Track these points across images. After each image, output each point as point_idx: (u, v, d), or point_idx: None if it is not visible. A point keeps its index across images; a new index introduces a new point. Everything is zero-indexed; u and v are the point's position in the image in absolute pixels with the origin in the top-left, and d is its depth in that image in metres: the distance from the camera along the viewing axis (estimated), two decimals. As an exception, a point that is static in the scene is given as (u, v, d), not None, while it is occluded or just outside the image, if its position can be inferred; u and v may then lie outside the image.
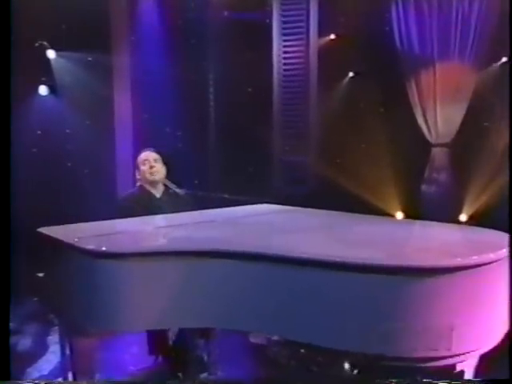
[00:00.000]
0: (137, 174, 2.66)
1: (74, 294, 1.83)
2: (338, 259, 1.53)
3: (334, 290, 1.52)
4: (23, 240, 2.20)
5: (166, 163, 2.66)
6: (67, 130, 4.12)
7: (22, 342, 2.88)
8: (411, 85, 4.15)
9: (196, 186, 4.48)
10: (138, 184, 2.65)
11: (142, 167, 2.61)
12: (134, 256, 1.68)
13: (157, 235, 2.04)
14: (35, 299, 2.66)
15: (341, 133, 4.15)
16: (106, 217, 4.45)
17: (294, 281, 1.58)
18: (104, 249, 1.72)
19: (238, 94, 4.46)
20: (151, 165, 2.58)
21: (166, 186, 2.63)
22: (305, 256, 1.57)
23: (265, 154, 4.46)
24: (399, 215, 4.20)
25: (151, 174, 2.57)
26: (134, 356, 2.72)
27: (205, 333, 2.40)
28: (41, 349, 2.82)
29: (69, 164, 4.11)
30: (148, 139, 4.13)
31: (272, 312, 1.61)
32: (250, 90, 4.55)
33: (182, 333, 2.38)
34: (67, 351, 2.12)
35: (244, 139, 4.25)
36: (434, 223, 2.13)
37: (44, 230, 2.01)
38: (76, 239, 1.81)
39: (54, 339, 2.84)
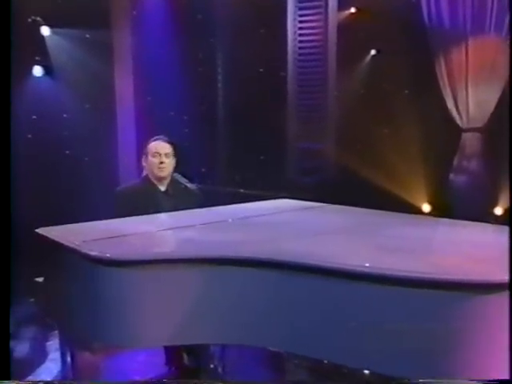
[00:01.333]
0: (143, 160, 2.55)
1: (77, 303, 1.73)
2: (391, 272, 1.38)
3: (385, 308, 1.39)
4: (21, 237, 2.10)
5: (176, 155, 2.56)
6: (64, 115, 4.06)
7: (19, 349, 2.77)
8: (440, 63, 3.99)
9: (203, 174, 4.44)
10: (144, 174, 2.54)
11: (152, 159, 2.51)
12: (143, 264, 1.58)
13: (167, 238, 1.92)
14: (32, 300, 2.54)
15: (361, 117, 4.04)
16: (107, 209, 4.36)
17: (329, 295, 1.46)
18: (110, 255, 1.60)
19: (248, 74, 4.36)
20: (161, 160, 2.48)
21: (175, 179, 2.53)
22: (350, 268, 1.43)
23: (277, 141, 4.39)
24: (426, 207, 4.06)
25: (159, 169, 2.48)
26: (141, 364, 2.61)
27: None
28: (39, 356, 2.71)
29: (67, 152, 4.02)
30: (152, 124, 4.07)
31: (302, 329, 1.49)
32: (261, 70, 4.44)
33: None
34: (68, 359, 2.05)
35: (254, 124, 4.19)
36: (475, 224, 2.02)
37: (42, 230, 1.90)
38: (78, 243, 1.70)
39: (53, 345, 2.73)
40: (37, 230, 1.90)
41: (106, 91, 4.13)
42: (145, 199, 2.39)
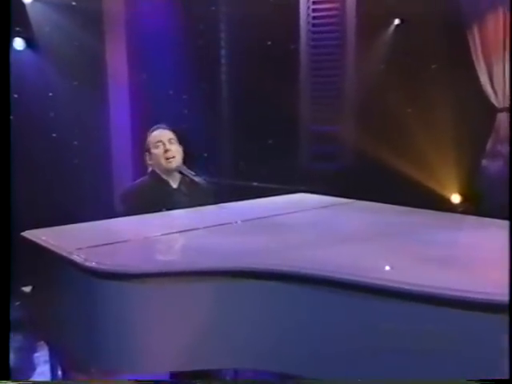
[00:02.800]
0: (147, 158, 2.40)
1: (70, 321, 1.57)
2: (450, 293, 1.19)
3: (444, 334, 1.21)
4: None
5: (181, 143, 2.40)
6: (50, 93, 3.90)
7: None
8: (473, 34, 3.78)
9: (206, 158, 4.29)
10: (149, 170, 2.38)
11: (155, 150, 2.35)
12: (147, 276, 1.41)
13: (175, 244, 1.74)
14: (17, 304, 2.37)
15: (382, 95, 3.86)
16: (97, 198, 4.14)
17: (368, 316, 1.29)
18: (109, 267, 1.42)
19: (254, 48, 4.18)
20: (166, 148, 2.33)
21: (181, 172, 2.36)
22: (397, 287, 1.24)
23: (287, 123, 4.21)
24: (455, 198, 3.89)
25: (167, 159, 2.32)
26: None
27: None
28: (26, 369, 2.55)
29: (53, 135, 3.87)
30: (147, 104, 4.06)
31: (332, 354, 1.34)
32: (269, 43, 4.23)
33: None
34: (59, 373, 1.89)
35: (262, 104, 4.05)
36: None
37: (29, 234, 1.72)
38: (71, 251, 1.52)
39: (42, 357, 2.57)
40: (23, 234, 1.73)
41: (97, 67, 4.00)
42: (155, 200, 2.24)
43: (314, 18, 4.18)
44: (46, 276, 1.70)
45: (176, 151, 2.34)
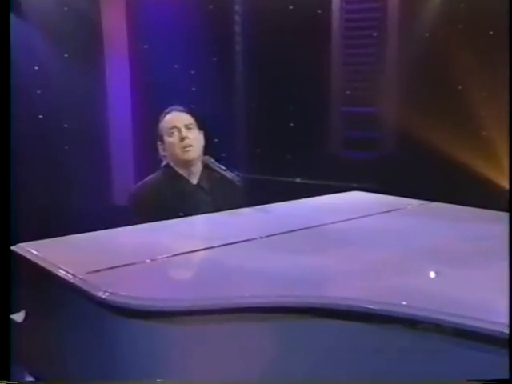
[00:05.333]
0: (160, 148, 2.21)
1: (80, 364, 1.35)
2: None
3: None
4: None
5: (202, 128, 2.22)
6: (35, 67, 3.80)
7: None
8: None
9: (216, 145, 4.11)
10: (164, 164, 2.20)
11: (169, 139, 2.17)
12: (184, 315, 1.19)
13: (216, 267, 1.48)
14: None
15: (429, 69, 3.70)
16: (92, 189, 3.92)
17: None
18: (137, 303, 1.18)
19: (274, 13, 4.01)
20: (182, 135, 2.14)
21: (207, 166, 2.18)
22: None
23: (314, 104, 4.05)
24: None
25: (184, 149, 2.14)
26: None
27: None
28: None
29: (40, 116, 3.76)
30: (150, 80, 4.00)
31: None
32: (291, 7, 4.08)
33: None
34: None
35: (283, 81, 3.97)
36: None
37: (22, 249, 1.50)
38: (81, 276, 1.30)
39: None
40: (14, 248, 1.52)
41: (91, 36, 3.89)
42: (170, 201, 2.09)
43: (347, -23, 4.02)
44: (44, 301, 1.49)
45: (195, 139, 2.16)
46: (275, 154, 4.12)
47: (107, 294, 1.19)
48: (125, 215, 2.16)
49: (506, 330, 1.02)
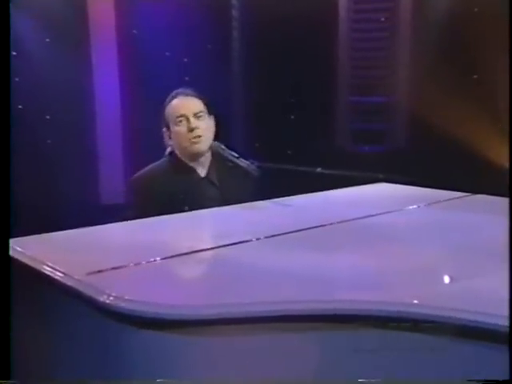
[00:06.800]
0: (165, 135, 2.09)
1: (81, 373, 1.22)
2: None
3: None
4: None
5: (212, 112, 2.10)
6: (13, 53, 3.64)
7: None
8: None
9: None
10: (168, 151, 2.08)
11: (176, 128, 2.04)
12: (203, 324, 1.07)
13: (235, 269, 1.35)
14: None
15: (442, 59, 3.62)
16: (80, 193, 3.83)
17: None
18: (149, 310, 1.05)
19: None
20: (191, 126, 2.00)
21: (215, 152, 2.06)
22: None
23: (319, 92, 3.96)
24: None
25: (193, 141, 2.01)
26: None
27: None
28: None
29: (19, 106, 3.63)
30: (139, 68, 3.95)
31: None
32: None
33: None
34: None
35: (284, 69, 3.89)
36: None
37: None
38: (79, 277, 1.17)
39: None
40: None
41: (75, 20, 3.80)
42: (175, 192, 1.97)
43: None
44: (32, 308, 1.35)
45: (205, 129, 2.02)
46: (274, 148, 4.02)
47: (111, 298, 1.06)
48: (113, 215, 2.03)
49: None
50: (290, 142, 4.04)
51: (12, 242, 1.35)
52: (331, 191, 2.03)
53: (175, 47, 4.03)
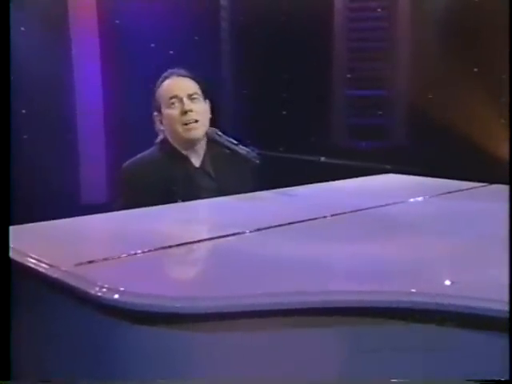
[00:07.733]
0: (156, 120, 2.01)
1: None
2: None
3: None
4: None
5: (207, 96, 2.02)
6: None
7: None
8: None
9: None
10: (159, 139, 1.98)
11: (168, 111, 1.96)
12: (203, 319, 1.00)
13: (235, 261, 1.28)
14: None
15: (442, 51, 3.65)
16: (59, 191, 3.74)
17: None
18: (146, 304, 0.98)
19: None
20: (185, 108, 1.92)
21: (211, 138, 1.98)
22: None
23: (314, 86, 3.95)
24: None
25: (187, 126, 1.92)
26: None
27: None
28: None
29: None
30: (122, 60, 3.89)
31: None
32: None
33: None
34: None
35: (277, 62, 3.88)
36: None
37: None
38: (67, 268, 1.09)
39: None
40: None
41: (53, 7, 3.71)
42: (167, 183, 1.90)
43: None
44: (17, 302, 1.24)
45: (200, 113, 1.94)
46: (266, 145, 4.01)
47: (104, 290, 0.98)
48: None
49: None
50: (281, 138, 3.98)
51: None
52: (338, 181, 1.97)
53: (160, 39, 3.95)
